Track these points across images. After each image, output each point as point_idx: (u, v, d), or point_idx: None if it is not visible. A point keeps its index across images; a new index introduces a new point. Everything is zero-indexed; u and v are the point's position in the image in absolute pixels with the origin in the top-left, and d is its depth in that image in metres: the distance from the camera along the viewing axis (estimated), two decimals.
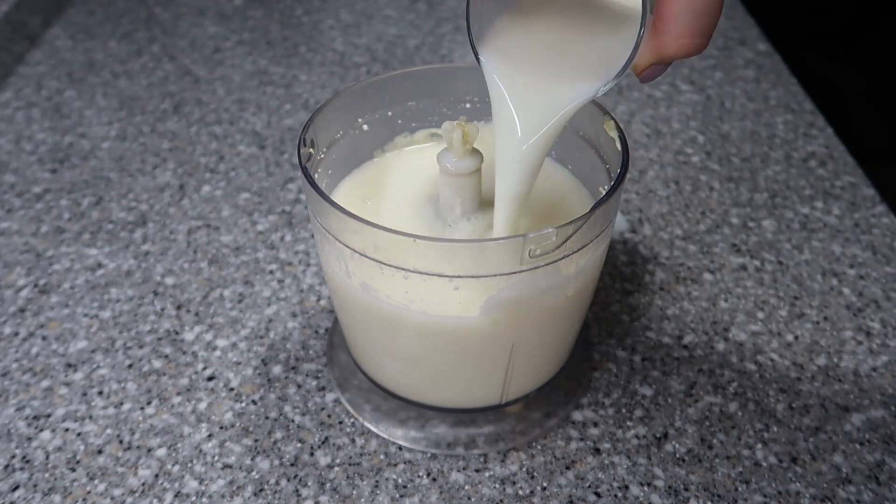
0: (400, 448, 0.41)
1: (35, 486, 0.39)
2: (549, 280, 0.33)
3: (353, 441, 0.42)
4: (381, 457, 0.41)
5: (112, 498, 0.39)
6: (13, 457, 0.41)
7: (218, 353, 0.46)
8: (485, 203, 0.38)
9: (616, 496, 0.39)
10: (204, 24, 0.82)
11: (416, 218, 0.38)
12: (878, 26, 0.85)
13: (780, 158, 0.63)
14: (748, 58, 0.75)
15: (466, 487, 0.40)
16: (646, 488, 0.40)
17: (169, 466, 0.40)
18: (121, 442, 0.41)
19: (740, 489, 0.40)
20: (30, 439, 0.41)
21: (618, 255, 0.54)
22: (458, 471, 0.40)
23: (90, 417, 0.43)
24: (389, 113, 0.41)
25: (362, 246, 0.33)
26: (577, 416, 0.43)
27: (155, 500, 0.39)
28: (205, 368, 0.45)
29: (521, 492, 0.39)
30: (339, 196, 0.41)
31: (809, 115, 0.67)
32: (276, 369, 0.46)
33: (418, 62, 0.76)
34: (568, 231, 0.30)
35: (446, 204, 0.37)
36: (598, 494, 0.39)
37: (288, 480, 0.40)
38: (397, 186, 0.41)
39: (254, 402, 0.44)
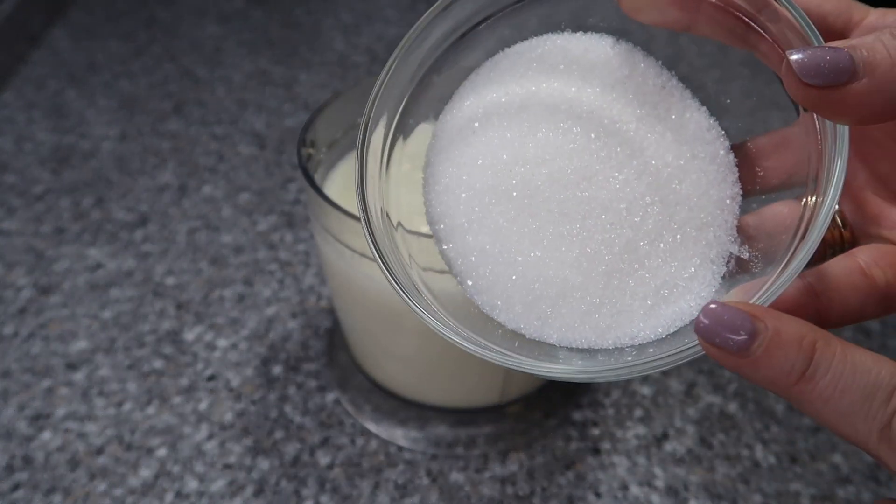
0: (400, 448, 0.41)
1: (35, 485, 0.39)
2: None
3: (353, 441, 0.42)
4: (381, 457, 0.41)
5: (112, 498, 0.39)
6: (14, 457, 0.41)
7: (218, 353, 0.46)
8: None
9: (616, 496, 0.39)
10: (204, 25, 0.82)
11: None
12: None
13: None
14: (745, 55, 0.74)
15: (466, 487, 0.40)
16: (646, 488, 0.40)
17: (169, 466, 0.40)
18: (121, 442, 0.41)
19: (740, 489, 0.40)
20: (30, 439, 0.42)
21: None
22: (458, 471, 0.40)
23: (91, 417, 0.43)
24: None
25: (362, 246, 0.33)
26: (577, 416, 0.43)
27: (155, 500, 0.39)
28: (205, 368, 0.46)
29: (521, 492, 0.39)
30: (334, 182, 0.40)
31: None
32: (277, 369, 0.46)
33: None
34: None
35: None
36: (598, 494, 0.39)
37: (288, 480, 0.40)
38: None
39: (254, 402, 0.44)
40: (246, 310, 0.49)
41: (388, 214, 0.26)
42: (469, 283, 0.25)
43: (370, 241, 0.24)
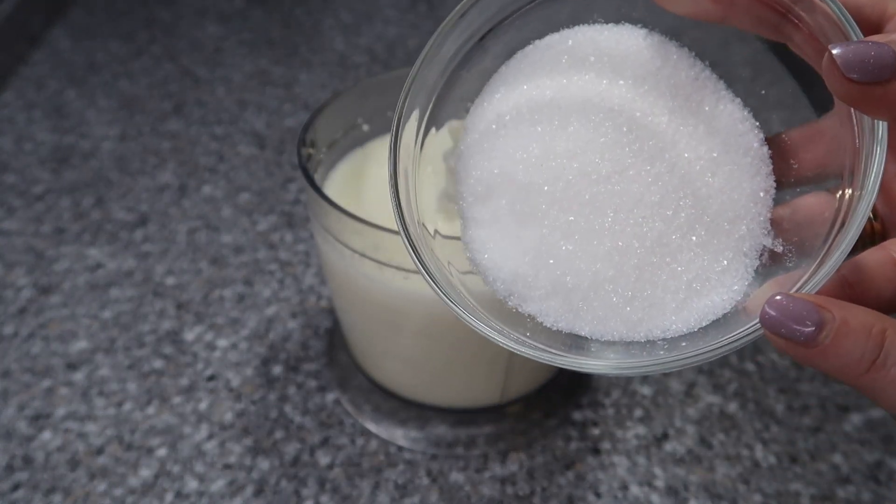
0: (400, 448, 0.41)
1: (35, 485, 0.39)
2: None
3: (353, 441, 0.42)
4: (381, 457, 0.41)
5: (112, 498, 0.39)
6: (14, 456, 0.41)
7: (218, 353, 0.46)
8: None
9: (616, 496, 0.39)
10: (204, 25, 0.82)
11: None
12: None
13: None
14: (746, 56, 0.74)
15: (466, 487, 0.40)
16: (646, 488, 0.40)
17: (169, 466, 0.40)
18: (121, 442, 0.41)
19: (740, 489, 0.40)
20: (30, 439, 0.42)
21: None
22: (458, 471, 0.40)
23: (91, 417, 0.43)
24: (389, 113, 0.41)
25: (362, 246, 0.33)
26: (577, 416, 0.43)
27: (155, 500, 0.39)
28: (205, 368, 0.46)
29: (521, 492, 0.39)
30: (334, 182, 0.40)
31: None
32: (277, 369, 0.46)
33: None
34: None
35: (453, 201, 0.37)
36: (598, 494, 0.39)
37: (288, 480, 0.40)
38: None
39: (254, 402, 0.44)
40: (246, 310, 0.49)
41: (424, 224, 0.26)
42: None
43: (415, 258, 0.24)
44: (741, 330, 0.20)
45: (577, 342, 0.24)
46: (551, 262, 0.24)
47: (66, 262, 0.53)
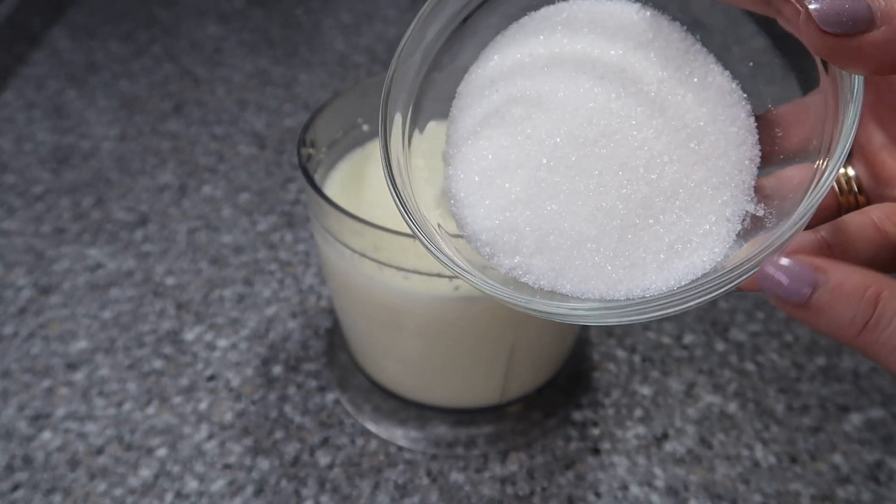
0: (400, 448, 0.41)
1: (35, 485, 0.39)
2: None
3: (353, 441, 0.42)
4: (381, 457, 0.41)
5: (112, 498, 0.39)
6: (13, 457, 0.41)
7: (218, 353, 0.46)
8: None
9: (616, 496, 0.39)
10: (204, 25, 0.82)
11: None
12: None
13: None
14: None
15: (466, 487, 0.40)
16: (646, 488, 0.40)
17: (169, 466, 0.40)
18: (121, 442, 0.41)
19: (740, 489, 0.40)
20: (30, 439, 0.42)
21: None
22: (458, 471, 0.40)
23: (91, 417, 0.43)
24: None
25: (362, 246, 0.33)
26: (577, 416, 0.43)
27: (155, 500, 0.39)
28: (205, 368, 0.46)
29: (521, 492, 0.39)
30: (334, 182, 0.40)
31: None
32: (276, 369, 0.46)
33: None
34: None
35: None
36: (598, 494, 0.39)
37: (288, 480, 0.40)
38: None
39: (254, 402, 0.44)
40: (246, 310, 0.49)
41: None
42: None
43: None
44: (715, 276, 0.21)
45: (557, 300, 0.24)
46: (536, 221, 0.24)
47: (66, 262, 0.53)
